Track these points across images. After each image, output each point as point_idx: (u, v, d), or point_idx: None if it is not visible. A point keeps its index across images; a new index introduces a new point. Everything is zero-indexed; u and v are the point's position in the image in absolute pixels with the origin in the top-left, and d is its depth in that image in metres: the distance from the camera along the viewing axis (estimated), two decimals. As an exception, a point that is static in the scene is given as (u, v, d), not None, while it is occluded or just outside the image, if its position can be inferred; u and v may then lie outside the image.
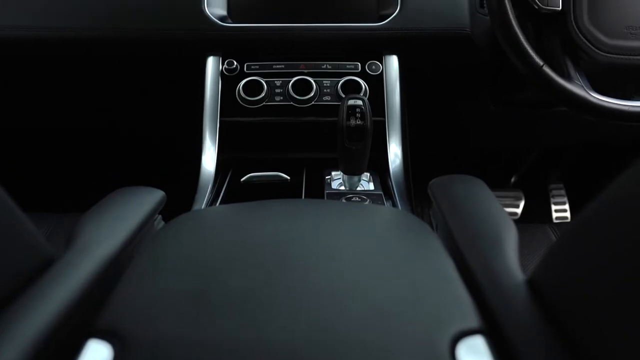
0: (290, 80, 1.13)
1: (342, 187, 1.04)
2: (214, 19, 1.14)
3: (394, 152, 1.12)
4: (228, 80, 1.14)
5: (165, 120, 1.45)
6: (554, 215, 1.83)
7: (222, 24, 1.15)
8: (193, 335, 0.42)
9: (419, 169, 1.23)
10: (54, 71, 1.28)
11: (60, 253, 0.56)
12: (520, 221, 1.68)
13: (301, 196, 1.03)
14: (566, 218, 1.81)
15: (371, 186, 1.06)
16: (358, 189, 1.03)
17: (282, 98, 1.13)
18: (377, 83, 1.15)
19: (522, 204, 1.82)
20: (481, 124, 1.48)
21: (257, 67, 1.15)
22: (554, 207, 1.84)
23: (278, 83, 1.14)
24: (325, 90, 1.13)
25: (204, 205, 1.01)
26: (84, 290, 0.50)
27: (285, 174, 1.08)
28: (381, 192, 1.03)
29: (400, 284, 0.49)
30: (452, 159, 1.79)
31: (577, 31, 0.99)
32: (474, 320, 0.45)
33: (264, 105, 1.13)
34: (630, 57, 0.99)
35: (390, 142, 1.12)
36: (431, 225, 0.74)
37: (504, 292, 0.48)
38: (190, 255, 0.54)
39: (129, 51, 1.19)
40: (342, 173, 1.01)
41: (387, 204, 1.00)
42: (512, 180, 1.94)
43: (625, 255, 0.38)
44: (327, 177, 1.08)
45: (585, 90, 0.97)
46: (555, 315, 0.44)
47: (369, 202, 0.98)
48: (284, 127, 1.14)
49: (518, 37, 0.96)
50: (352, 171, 1.00)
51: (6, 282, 0.47)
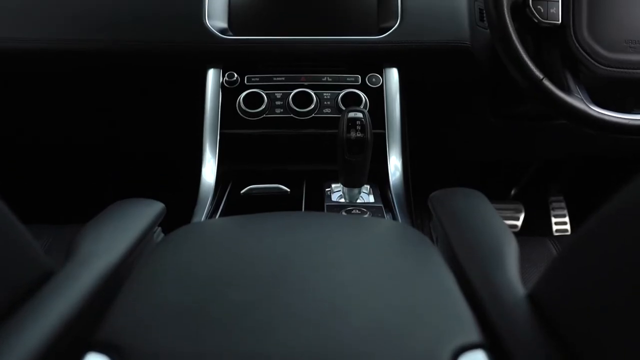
0: (291, 93, 1.13)
1: (342, 200, 1.04)
2: (215, 31, 1.14)
3: (394, 165, 1.12)
4: (228, 92, 1.14)
5: (165, 133, 1.45)
6: (554, 227, 1.83)
7: (222, 36, 1.15)
8: (192, 348, 0.42)
9: (419, 181, 1.23)
10: (53, 84, 1.28)
11: (60, 265, 0.55)
12: (521, 234, 1.67)
13: (301, 208, 1.03)
14: (566, 231, 1.81)
15: (371, 198, 1.06)
16: (358, 201, 1.03)
17: (282, 110, 1.13)
18: (378, 96, 1.15)
19: (522, 217, 1.82)
20: (481, 137, 1.48)
21: (258, 79, 1.15)
22: (554, 220, 1.84)
23: (278, 95, 1.14)
24: (325, 103, 1.13)
25: (203, 217, 1.01)
26: (84, 303, 0.49)
27: (285, 186, 1.08)
28: (381, 205, 1.03)
29: (400, 298, 0.48)
30: (452, 171, 1.79)
31: (577, 45, 0.99)
32: (474, 334, 0.44)
33: (264, 117, 1.13)
34: (629, 70, 0.99)
35: (391, 154, 1.12)
36: (431, 238, 0.74)
37: (504, 306, 0.48)
38: (189, 268, 0.53)
39: (129, 63, 1.19)
40: (342, 185, 1.01)
41: (387, 217, 1.00)
42: (512, 192, 1.93)
43: (626, 270, 0.38)
44: (327, 190, 1.08)
45: (585, 104, 0.97)
46: (556, 329, 0.43)
47: (369, 214, 0.98)
48: (284, 139, 1.14)
49: (518, 50, 0.96)
50: (352, 183, 0.99)
51: (5, 295, 0.47)
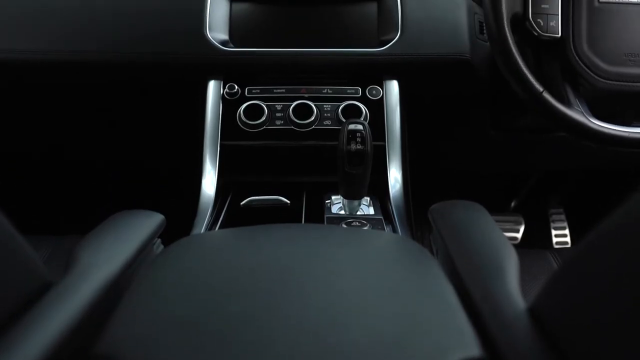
0: (291, 105, 1.13)
1: (342, 212, 1.04)
2: (216, 43, 1.15)
3: (394, 177, 1.12)
4: (229, 104, 1.14)
5: (165, 144, 1.45)
6: (554, 240, 1.82)
7: (223, 48, 1.15)
8: None
9: (419, 193, 1.23)
10: (52, 96, 1.28)
11: (60, 276, 0.55)
12: (521, 246, 1.67)
13: (301, 220, 1.03)
14: (566, 243, 1.81)
15: (371, 210, 1.06)
16: (358, 213, 1.03)
17: (282, 122, 1.13)
18: (378, 108, 1.15)
19: (522, 229, 1.82)
20: (481, 149, 1.48)
21: (258, 91, 1.16)
22: (554, 232, 1.84)
23: (279, 107, 1.14)
24: (325, 115, 1.14)
25: (203, 228, 1.01)
26: (83, 315, 0.49)
27: (285, 197, 1.08)
28: (381, 217, 1.03)
29: (400, 311, 0.48)
30: (452, 183, 1.79)
31: (577, 58, 0.99)
32: (475, 348, 0.44)
33: (264, 129, 1.13)
34: (629, 83, 1.00)
35: (391, 166, 1.12)
36: (431, 251, 0.73)
37: (505, 320, 0.48)
38: (189, 281, 0.53)
39: (130, 75, 1.19)
40: (342, 197, 1.01)
41: (387, 229, 1.00)
42: (512, 204, 1.93)
43: (626, 285, 0.38)
44: (327, 201, 1.08)
45: (585, 117, 0.98)
46: (556, 343, 0.43)
47: (369, 226, 0.97)
48: (284, 151, 1.14)
49: (518, 63, 0.96)
50: (352, 195, 0.99)
51: (4, 306, 0.47)
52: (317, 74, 1.18)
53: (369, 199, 1.08)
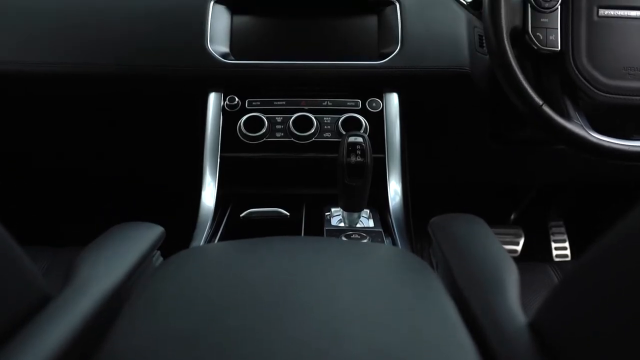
0: (291, 117, 1.13)
1: (342, 224, 1.03)
2: (217, 55, 1.15)
3: (394, 189, 1.12)
4: (229, 116, 1.15)
5: (165, 156, 1.46)
6: (554, 252, 1.82)
7: (224, 60, 1.16)
8: None
9: (419, 205, 1.23)
10: (53, 107, 1.29)
11: (59, 288, 0.55)
12: (520, 259, 1.67)
13: (300, 232, 1.03)
14: (566, 256, 1.81)
15: (371, 223, 1.06)
16: (358, 225, 1.03)
17: (282, 134, 1.13)
18: (378, 120, 1.15)
19: (522, 242, 1.81)
20: (480, 161, 1.48)
21: (258, 103, 1.16)
22: (554, 245, 1.83)
23: (279, 119, 1.14)
24: (325, 127, 1.14)
25: (202, 241, 1.00)
26: (83, 328, 0.49)
27: (285, 210, 1.08)
28: (381, 230, 1.02)
29: (400, 326, 0.48)
30: (452, 196, 1.79)
31: (576, 71, 1.00)
32: None
33: (264, 141, 1.13)
34: (628, 97, 1.00)
35: (390, 179, 1.12)
36: (431, 264, 0.73)
37: (505, 334, 0.48)
38: (188, 294, 0.53)
39: (131, 87, 1.20)
40: (341, 210, 1.01)
41: (386, 242, 0.99)
42: (512, 216, 1.93)
43: (626, 299, 0.38)
44: (326, 214, 1.08)
45: (585, 130, 0.98)
46: (556, 358, 0.43)
47: (369, 239, 0.97)
48: (284, 163, 1.14)
49: (517, 76, 0.96)
50: (352, 208, 0.99)
51: (3, 319, 0.46)
52: (318, 86, 1.18)
53: (368, 211, 1.08)
